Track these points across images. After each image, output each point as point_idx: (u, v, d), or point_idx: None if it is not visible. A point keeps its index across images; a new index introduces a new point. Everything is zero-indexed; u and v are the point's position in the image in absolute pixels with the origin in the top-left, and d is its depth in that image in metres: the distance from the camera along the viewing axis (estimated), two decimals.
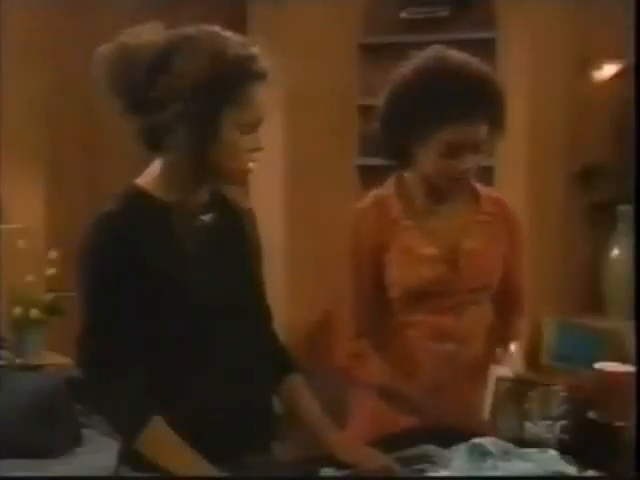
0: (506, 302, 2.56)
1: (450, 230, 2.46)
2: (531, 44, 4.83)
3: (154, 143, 1.97)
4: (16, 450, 3.42)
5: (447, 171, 2.36)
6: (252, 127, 1.96)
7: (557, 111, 4.89)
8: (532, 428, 2.15)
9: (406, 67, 2.39)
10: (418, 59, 2.39)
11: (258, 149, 1.98)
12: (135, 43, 1.95)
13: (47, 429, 3.54)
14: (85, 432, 3.67)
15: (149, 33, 1.97)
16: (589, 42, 4.91)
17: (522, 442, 2.15)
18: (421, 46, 2.42)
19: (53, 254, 4.44)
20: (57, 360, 4.37)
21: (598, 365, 2.36)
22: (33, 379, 3.86)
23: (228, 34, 1.95)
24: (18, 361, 4.24)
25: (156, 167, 2.02)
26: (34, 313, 4.35)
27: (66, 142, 5.29)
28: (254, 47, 1.95)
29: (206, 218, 2.04)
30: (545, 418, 2.13)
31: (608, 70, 5.01)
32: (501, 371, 2.34)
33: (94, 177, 5.35)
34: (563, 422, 2.16)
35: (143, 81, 1.91)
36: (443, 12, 5.06)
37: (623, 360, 2.49)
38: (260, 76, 1.94)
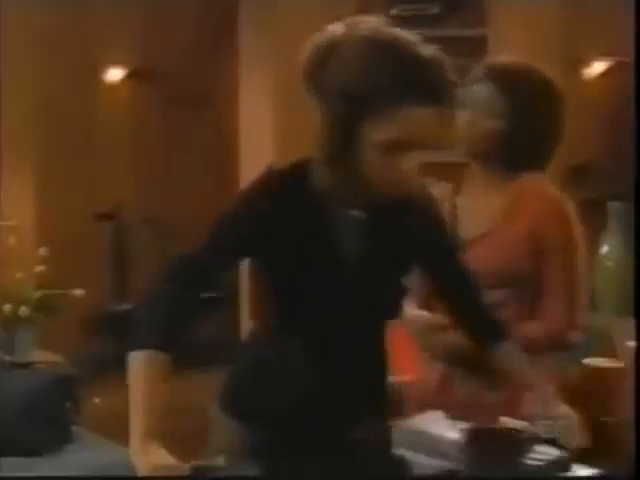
0: (544, 305, 2.40)
1: (468, 216, 2.43)
2: (522, 41, 4.84)
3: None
4: (6, 448, 3.41)
5: None
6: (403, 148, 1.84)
7: None
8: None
9: None
10: None
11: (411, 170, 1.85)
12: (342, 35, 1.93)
13: (37, 427, 3.53)
14: (76, 430, 3.66)
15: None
16: (580, 39, 4.92)
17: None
18: None
19: (43, 251, 4.43)
20: (47, 358, 4.37)
21: (587, 361, 2.36)
22: (23, 377, 3.85)
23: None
24: (8, 359, 4.23)
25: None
26: (23, 311, 4.34)
27: (57, 141, 5.28)
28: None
29: (357, 212, 1.91)
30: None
31: (598, 67, 5.02)
32: None
33: (84, 175, 5.35)
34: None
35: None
36: (433, 9, 5.06)
37: (611, 356, 2.50)
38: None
